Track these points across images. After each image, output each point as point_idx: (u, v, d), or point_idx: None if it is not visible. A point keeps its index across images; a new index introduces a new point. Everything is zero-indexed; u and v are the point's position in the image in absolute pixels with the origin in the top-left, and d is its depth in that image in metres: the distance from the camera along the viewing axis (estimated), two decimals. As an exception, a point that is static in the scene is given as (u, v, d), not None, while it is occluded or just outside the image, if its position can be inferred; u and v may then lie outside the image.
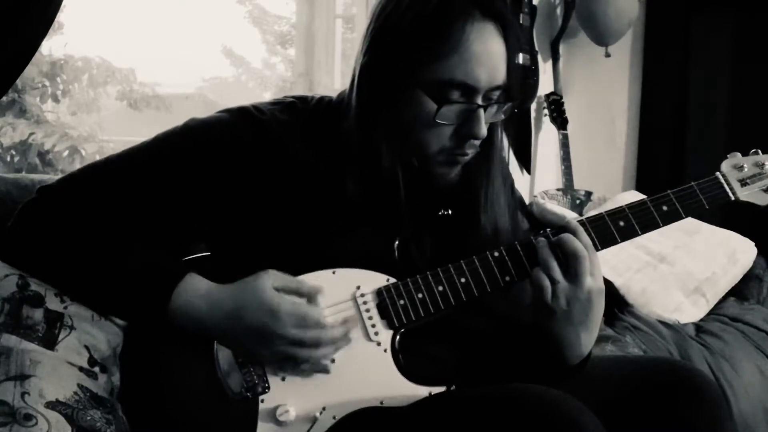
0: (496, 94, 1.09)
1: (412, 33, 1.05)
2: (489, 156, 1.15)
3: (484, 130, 1.07)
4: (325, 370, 1.05)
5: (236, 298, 1.03)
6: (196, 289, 1.03)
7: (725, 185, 1.15)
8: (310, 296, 1.05)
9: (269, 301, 1.01)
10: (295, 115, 1.14)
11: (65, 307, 1.09)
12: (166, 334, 1.04)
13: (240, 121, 1.12)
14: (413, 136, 1.08)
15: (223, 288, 1.04)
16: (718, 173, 1.16)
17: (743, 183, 1.16)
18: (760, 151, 1.18)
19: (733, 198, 1.15)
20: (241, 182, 1.09)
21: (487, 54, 1.05)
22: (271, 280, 1.03)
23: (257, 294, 1.02)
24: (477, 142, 1.10)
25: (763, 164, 1.17)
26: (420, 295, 1.08)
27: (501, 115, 1.11)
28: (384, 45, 1.08)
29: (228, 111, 1.14)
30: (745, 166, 1.16)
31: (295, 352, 1.02)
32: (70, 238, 1.05)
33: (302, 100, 1.18)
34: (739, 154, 1.18)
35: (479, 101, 1.07)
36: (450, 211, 1.17)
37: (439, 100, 1.05)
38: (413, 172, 1.11)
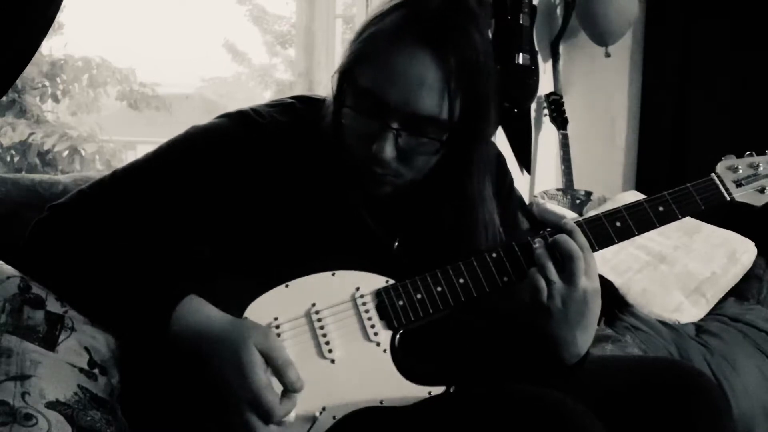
0: (424, 126, 1.04)
1: (360, 33, 1.06)
2: (465, 167, 1.12)
3: (386, 153, 1.03)
4: None
5: (226, 335, 0.98)
6: (195, 312, 1.01)
7: (720, 186, 1.16)
8: (286, 384, 0.97)
9: (244, 363, 0.95)
10: (295, 116, 1.15)
11: (65, 310, 1.09)
12: (164, 350, 1.02)
13: (239, 126, 1.12)
14: (344, 141, 1.08)
15: (219, 316, 1.01)
16: (713, 174, 1.17)
17: (738, 184, 1.17)
18: (754, 153, 1.20)
19: (728, 198, 1.16)
20: (242, 186, 1.09)
21: (406, 77, 1.01)
22: (258, 338, 0.97)
23: (236, 346, 0.96)
24: (390, 165, 1.05)
25: (758, 165, 1.19)
26: (419, 296, 1.08)
27: (427, 152, 1.06)
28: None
29: (228, 116, 1.15)
30: (739, 167, 1.18)
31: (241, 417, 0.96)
32: (82, 256, 1.05)
33: (302, 100, 1.19)
34: (733, 156, 1.19)
35: (394, 124, 1.03)
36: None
37: (348, 102, 1.04)
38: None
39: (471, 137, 1.09)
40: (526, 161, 2.97)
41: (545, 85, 3.05)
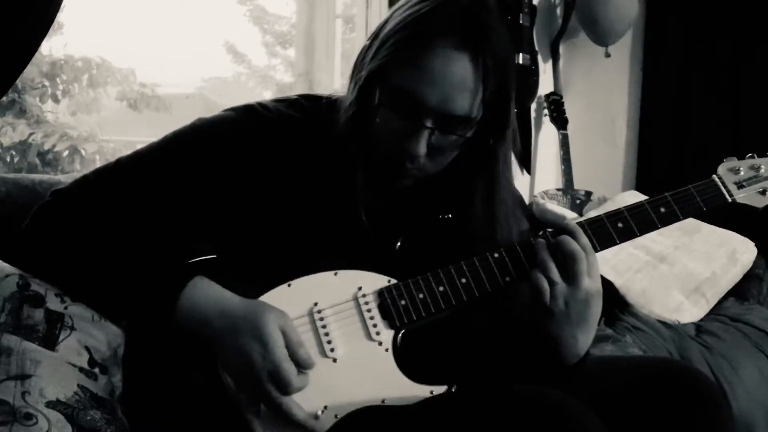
0: (457, 125, 1.07)
1: (392, 34, 1.07)
2: (493, 163, 1.15)
3: (419, 149, 1.06)
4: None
5: (244, 310, 1.02)
6: (206, 291, 1.03)
7: (722, 187, 1.16)
8: (299, 361, 1.02)
9: (267, 335, 0.99)
10: (301, 112, 1.16)
11: (65, 308, 1.09)
12: (168, 334, 1.03)
13: (246, 119, 1.13)
14: (373, 137, 1.10)
15: (232, 296, 1.04)
16: (714, 176, 1.18)
17: (740, 186, 1.18)
18: (755, 155, 1.21)
19: (730, 200, 1.17)
20: (246, 179, 1.09)
21: (444, 78, 1.03)
22: (276, 316, 1.02)
23: (258, 320, 1.00)
24: (420, 160, 1.08)
25: (759, 167, 1.19)
26: (421, 296, 1.08)
27: (453, 148, 1.10)
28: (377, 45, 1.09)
29: (234, 109, 1.16)
30: (741, 169, 1.18)
31: (268, 390, 1.00)
32: (86, 240, 1.05)
33: (306, 98, 1.19)
34: (735, 158, 1.20)
35: (428, 123, 1.06)
36: (450, 215, 1.17)
37: (383, 101, 1.06)
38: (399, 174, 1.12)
39: (498, 130, 1.13)
40: (526, 161, 2.97)
41: (545, 85, 3.05)
